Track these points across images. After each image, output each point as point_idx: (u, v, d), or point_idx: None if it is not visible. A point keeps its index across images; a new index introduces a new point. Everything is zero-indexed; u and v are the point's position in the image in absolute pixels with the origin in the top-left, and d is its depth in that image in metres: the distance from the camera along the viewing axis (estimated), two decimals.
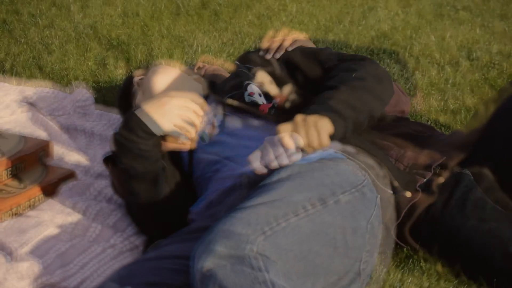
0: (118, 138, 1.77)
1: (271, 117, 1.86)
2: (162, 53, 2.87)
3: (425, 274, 1.81)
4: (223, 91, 1.98)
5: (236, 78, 2.00)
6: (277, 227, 1.46)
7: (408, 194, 1.82)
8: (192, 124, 1.77)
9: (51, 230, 1.93)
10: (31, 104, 2.53)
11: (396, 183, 1.79)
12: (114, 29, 3.06)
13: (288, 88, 1.93)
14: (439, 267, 1.83)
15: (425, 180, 1.88)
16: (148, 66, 2.30)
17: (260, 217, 1.45)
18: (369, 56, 2.40)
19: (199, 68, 2.36)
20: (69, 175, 2.14)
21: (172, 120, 1.75)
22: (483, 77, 2.73)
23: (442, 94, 2.63)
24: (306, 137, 1.63)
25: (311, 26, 3.13)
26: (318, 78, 1.92)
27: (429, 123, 2.43)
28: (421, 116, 2.51)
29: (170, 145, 1.82)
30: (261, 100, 1.90)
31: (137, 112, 1.76)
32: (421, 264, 1.85)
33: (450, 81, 2.70)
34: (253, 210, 1.48)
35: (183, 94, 1.79)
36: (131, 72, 2.29)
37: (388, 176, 1.78)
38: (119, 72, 2.76)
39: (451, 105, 2.56)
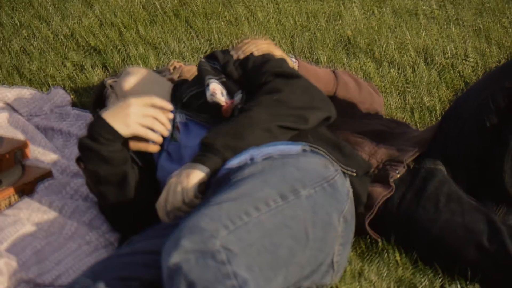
0: (82, 145, 1.72)
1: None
2: (136, 59, 2.81)
3: (384, 263, 1.77)
4: (185, 92, 1.92)
5: (197, 77, 1.94)
6: (239, 222, 1.41)
7: (354, 173, 1.75)
8: (152, 127, 1.71)
9: (28, 228, 1.85)
10: (9, 105, 2.45)
11: (347, 170, 1.72)
12: (91, 37, 3.00)
13: (238, 97, 1.87)
14: (397, 256, 1.79)
15: (397, 173, 1.84)
16: (120, 70, 2.24)
17: (224, 213, 1.40)
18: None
19: (175, 68, 2.27)
20: (46, 174, 2.06)
21: (130, 124, 1.69)
22: (439, 78, 2.70)
23: (402, 93, 2.60)
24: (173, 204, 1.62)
25: (277, 34, 3.08)
26: (253, 90, 1.84)
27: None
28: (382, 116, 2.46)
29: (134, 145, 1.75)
30: (223, 100, 1.85)
31: (97, 118, 1.70)
32: (380, 253, 1.80)
33: (409, 82, 2.67)
34: (218, 207, 1.42)
35: (144, 97, 1.73)
36: (106, 77, 2.22)
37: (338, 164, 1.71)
38: (96, 77, 2.70)
39: (409, 104, 2.53)
